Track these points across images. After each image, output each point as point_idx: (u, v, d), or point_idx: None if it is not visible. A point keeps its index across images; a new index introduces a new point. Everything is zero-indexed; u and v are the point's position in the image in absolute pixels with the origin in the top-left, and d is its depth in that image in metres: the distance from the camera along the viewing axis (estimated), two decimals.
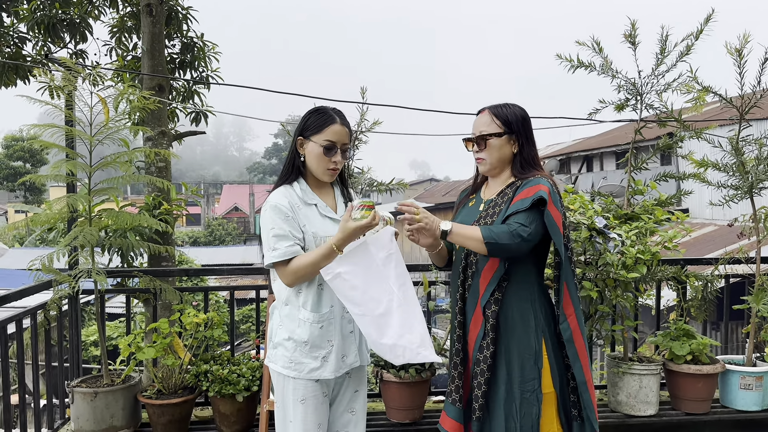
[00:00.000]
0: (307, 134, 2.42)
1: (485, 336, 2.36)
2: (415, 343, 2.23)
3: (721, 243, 10.57)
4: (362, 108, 3.71)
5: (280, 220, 2.35)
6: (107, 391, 3.29)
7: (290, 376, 2.40)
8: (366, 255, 2.25)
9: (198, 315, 3.40)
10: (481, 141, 2.44)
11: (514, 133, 2.43)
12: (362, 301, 2.23)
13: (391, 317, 2.24)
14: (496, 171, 2.48)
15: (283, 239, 2.33)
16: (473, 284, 2.41)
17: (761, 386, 3.57)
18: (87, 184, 3.34)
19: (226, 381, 3.28)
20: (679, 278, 3.73)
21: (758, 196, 3.62)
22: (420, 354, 2.23)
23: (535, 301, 2.39)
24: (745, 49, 3.44)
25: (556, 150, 22.82)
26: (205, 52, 6.77)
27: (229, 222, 40.72)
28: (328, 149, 2.39)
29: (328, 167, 2.42)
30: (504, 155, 2.45)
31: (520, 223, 2.24)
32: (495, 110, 2.45)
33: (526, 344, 2.34)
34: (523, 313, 2.36)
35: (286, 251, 2.31)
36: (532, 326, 2.35)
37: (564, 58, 3.62)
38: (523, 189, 2.34)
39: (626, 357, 3.63)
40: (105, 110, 3.36)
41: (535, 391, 2.32)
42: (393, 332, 2.23)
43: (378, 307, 2.23)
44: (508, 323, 2.36)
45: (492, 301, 2.35)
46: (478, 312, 2.39)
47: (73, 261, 3.56)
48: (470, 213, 2.51)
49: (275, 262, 2.34)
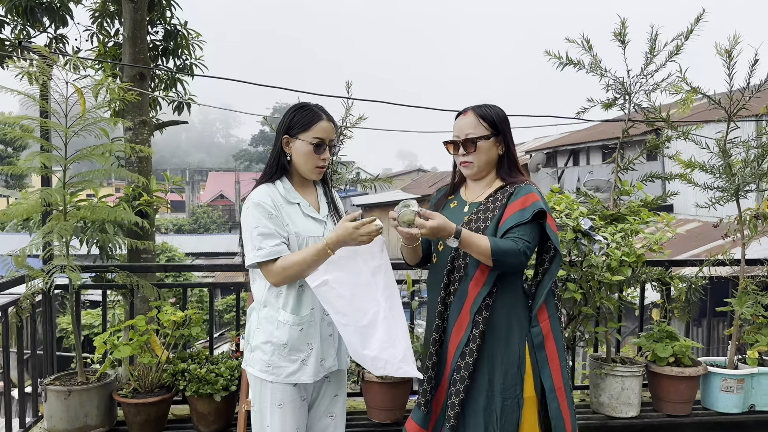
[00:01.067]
0: (293, 132, 2.35)
1: (469, 342, 2.30)
2: (397, 358, 2.18)
3: (705, 239, 10.64)
4: (347, 103, 3.64)
5: (264, 218, 2.28)
6: (81, 390, 3.22)
7: (268, 380, 2.35)
8: (355, 264, 2.19)
9: (176, 313, 3.32)
10: (470, 144, 2.37)
11: (500, 134, 2.37)
12: (347, 311, 2.18)
13: (375, 329, 2.18)
14: (482, 174, 2.42)
15: (269, 237, 2.26)
16: (461, 288, 2.35)
17: (742, 389, 3.57)
18: (62, 177, 3.24)
19: (204, 380, 3.22)
20: (663, 280, 3.71)
21: (744, 198, 3.60)
22: (401, 369, 2.19)
23: (520, 305, 2.35)
24: (734, 50, 3.40)
25: (543, 143, 22.84)
26: (189, 40, 6.63)
27: (214, 210, 40.48)
28: (318, 147, 2.34)
29: (317, 165, 2.37)
30: (491, 158, 2.39)
31: (526, 241, 2.22)
32: (480, 111, 2.38)
33: (511, 350, 2.30)
34: (509, 318, 2.32)
35: (272, 250, 2.25)
36: (517, 332, 2.31)
37: (553, 55, 3.56)
38: (518, 197, 2.29)
39: (609, 358, 3.61)
40: (81, 101, 3.25)
41: (516, 396, 2.28)
42: (376, 345, 2.18)
43: (363, 318, 2.18)
44: (494, 329, 2.31)
45: (483, 307, 2.30)
46: (464, 317, 2.33)
47: (47, 255, 3.47)
48: (454, 215, 2.43)
49: (260, 262, 2.27)
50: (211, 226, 38.30)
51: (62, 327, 12.53)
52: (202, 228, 37.75)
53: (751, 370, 3.58)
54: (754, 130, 3.63)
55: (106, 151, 3.38)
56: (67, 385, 3.24)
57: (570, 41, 3.56)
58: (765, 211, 3.72)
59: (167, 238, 22.01)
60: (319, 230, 2.39)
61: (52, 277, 3.19)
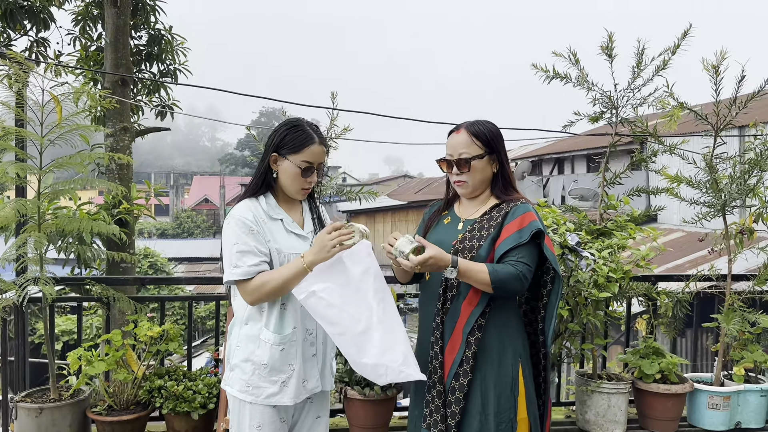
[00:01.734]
0: (282, 152, 2.29)
1: (462, 363, 2.26)
2: (397, 362, 2.11)
3: (689, 249, 10.69)
4: (332, 114, 3.58)
5: (244, 234, 2.22)
6: (54, 407, 3.11)
7: (246, 400, 2.29)
8: (342, 270, 2.13)
9: (152, 328, 3.23)
10: (463, 164, 2.32)
11: (494, 152, 2.33)
12: (340, 320, 2.11)
13: (371, 335, 2.11)
14: (477, 192, 2.38)
15: (247, 255, 2.20)
16: (453, 307, 2.30)
17: (728, 406, 3.54)
18: (37, 188, 3.14)
19: (181, 398, 3.13)
20: (649, 295, 3.68)
21: (730, 213, 3.59)
22: (403, 372, 2.13)
23: (513, 326, 2.32)
24: (721, 66, 3.39)
25: (529, 152, 22.93)
26: (173, 46, 6.54)
27: (198, 214, 40.18)
28: (306, 171, 2.28)
29: (303, 187, 2.32)
30: (486, 176, 2.35)
31: (525, 263, 2.20)
32: (473, 129, 2.33)
33: (504, 373, 2.27)
34: (502, 339, 2.28)
35: (249, 270, 2.19)
36: (510, 353, 2.28)
37: (540, 69, 3.53)
38: (515, 217, 2.26)
39: (595, 374, 3.57)
40: (58, 109, 3.16)
41: (510, 420, 2.25)
42: (374, 351, 2.11)
43: (357, 325, 2.11)
44: (487, 350, 2.27)
45: (476, 327, 2.25)
46: (456, 337, 2.28)
47: (21, 267, 3.36)
48: (448, 232, 2.39)
49: (237, 280, 2.21)
50: (195, 231, 38.00)
51: (40, 333, 12.33)
52: (186, 232, 37.43)
53: (737, 387, 3.55)
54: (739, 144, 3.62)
55: (83, 160, 3.28)
56: (38, 402, 3.13)
57: (557, 55, 3.53)
58: (750, 226, 3.71)
59: (150, 242, 21.79)
60: (302, 247, 2.33)
61: (25, 290, 3.09)
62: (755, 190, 3.44)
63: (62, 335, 13.71)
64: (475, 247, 2.26)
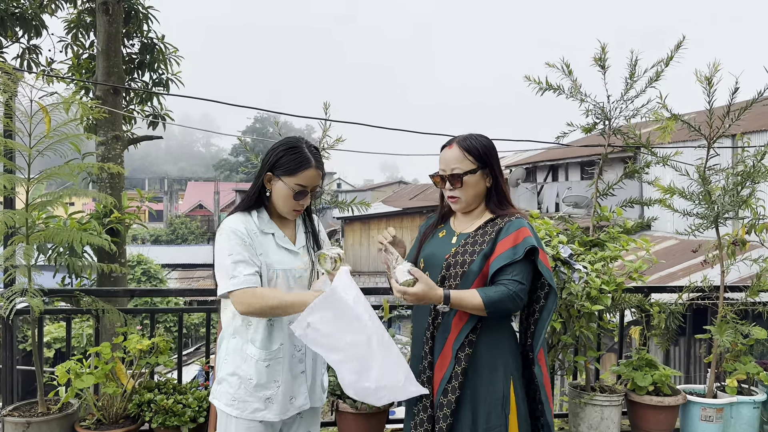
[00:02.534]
0: (277, 173, 2.27)
1: (452, 379, 2.24)
2: (400, 381, 2.09)
3: (682, 258, 10.71)
4: (325, 125, 3.56)
5: (238, 245, 2.20)
6: (41, 421, 3.07)
7: (233, 414, 2.27)
8: (335, 299, 2.09)
9: (142, 341, 3.20)
10: (456, 179, 2.30)
11: (487, 167, 2.30)
12: (338, 347, 2.09)
13: (371, 358, 2.09)
14: (471, 207, 2.36)
15: (242, 265, 2.18)
16: (444, 322, 2.28)
17: (721, 418, 3.53)
18: (25, 199, 3.11)
19: (171, 412, 3.10)
20: (642, 307, 3.67)
21: (722, 225, 3.59)
22: (407, 390, 2.11)
23: (506, 343, 2.30)
24: (714, 78, 3.39)
25: (523, 159, 22.97)
26: (166, 55, 6.52)
27: (192, 220, 40.04)
28: (299, 194, 2.26)
29: (294, 209, 2.29)
30: (479, 191, 2.33)
31: (518, 282, 2.17)
32: (465, 144, 2.30)
33: (494, 390, 2.24)
34: (493, 356, 2.26)
35: (245, 279, 2.17)
36: (501, 370, 2.26)
37: (533, 81, 3.53)
38: (509, 233, 2.23)
39: (588, 386, 3.55)
40: (46, 119, 3.13)
41: None
42: (375, 373, 2.09)
43: (357, 350, 2.09)
44: (478, 367, 2.25)
45: (466, 343, 2.24)
46: (446, 353, 2.26)
47: (8, 279, 3.32)
48: (442, 245, 2.37)
49: (236, 290, 2.17)
50: (190, 237, 37.87)
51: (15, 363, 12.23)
52: (180, 238, 37.30)
53: (730, 399, 3.54)
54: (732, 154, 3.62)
55: (72, 170, 3.25)
56: (26, 416, 3.09)
57: (550, 66, 3.53)
58: (743, 238, 3.71)
59: (143, 249, 21.65)
60: (292, 262, 2.31)
61: (13, 302, 3.05)
62: (748, 202, 3.44)
63: (54, 342, 13.59)
64: (467, 262, 2.24)
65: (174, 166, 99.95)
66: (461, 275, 2.24)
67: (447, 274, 2.28)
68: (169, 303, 14.60)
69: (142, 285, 16.60)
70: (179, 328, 3.66)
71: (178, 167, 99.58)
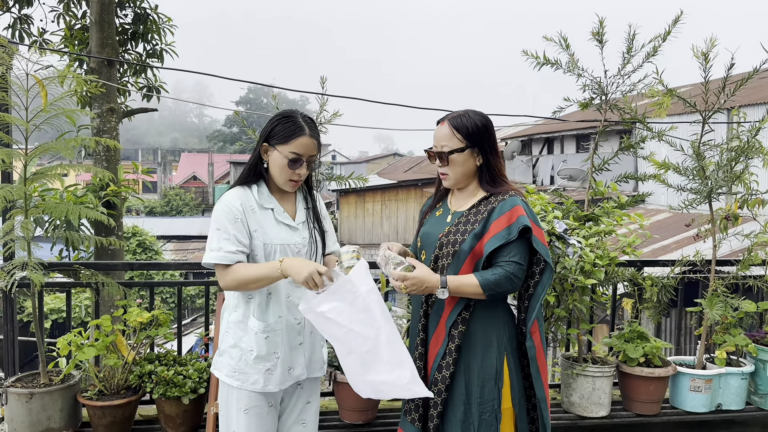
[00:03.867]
0: (272, 142, 2.29)
1: (446, 356, 2.28)
2: (405, 379, 2.13)
3: (675, 230, 10.80)
4: (322, 99, 3.56)
5: (227, 221, 2.24)
6: (44, 392, 3.12)
7: (234, 385, 2.33)
8: (350, 290, 2.12)
9: (142, 314, 3.24)
10: (444, 157, 2.31)
11: (476, 146, 2.30)
12: (348, 339, 2.13)
13: (378, 352, 2.13)
14: (461, 185, 2.38)
15: (226, 242, 2.23)
16: (438, 301, 2.32)
17: (710, 388, 3.62)
18: (22, 173, 3.11)
19: (172, 383, 3.15)
20: (635, 281, 3.73)
21: (716, 200, 3.63)
22: (410, 390, 2.15)
23: (500, 318, 2.33)
24: (711, 53, 3.40)
25: (518, 131, 22.93)
26: (159, 25, 6.44)
27: (186, 192, 39.90)
28: (293, 162, 2.27)
29: (291, 178, 2.31)
30: (468, 170, 2.33)
31: (515, 262, 2.20)
32: (455, 122, 2.29)
33: (488, 364, 2.28)
34: (486, 332, 2.29)
35: (225, 255, 2.22)
36: (495, 345, 2.29)
37: (530, 55, 3.52)
38: (502, 213, 2.23)
39: (580, 358, 3.63)
40: (43, 93, 3.12)
41: (494, 411, 2.27)
42: (381, 368, 2.13)
43: (365, 343, 2.12)
44: (471, 343, 2.29)
45: (459, 321, 2.27)
46: (440, 330, 2.30)
47: (8, 253, 3.34)
48: (438, 223, 2.40)
49: (216, 264, 2.23)
50: (184, 209, 37.77)
51: (29, 311, 12.28)
52: (174, 210, 37.20)
53: (718, 371, 3.63)
54: (727, 128, 3.65)
55: (69, 144, 3.25)
56: (28, 387, 3.14)
57: (548, 39, 3.52)
58: (735, 212, 3.75)
59: (138, 220, 21.60)
60: (291, 237, 2.34)
61: (13, 276, 3.08)
62: (741, 177, 3.47)
63: (51, 314, 13.68)
64: (458, 242, 2.26)
65: (167, 137, 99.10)
66: (452, 255, 2.26)
67: (440, 254, 2.31)
68: (165, 275, 14.68)
69: (137, 257, 16.62)
70: (178, 301, 3.70)
71: (170, 138, 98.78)
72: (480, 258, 2.23)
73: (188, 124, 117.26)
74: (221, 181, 41.71)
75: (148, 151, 63.70)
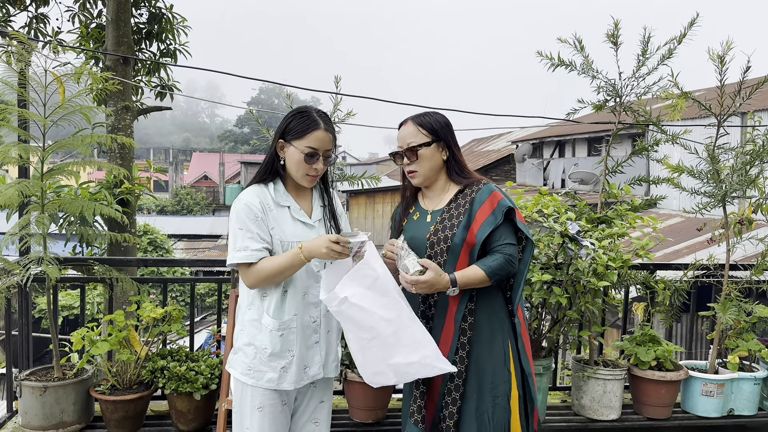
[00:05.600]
0: (288, 138, 2.30)
1: (458, 350, 2.31)
2: (430, 357, 2.15)
3: (688, 235, 10.71)
4: (336, 98, 3.57)
5: (248, 220, 2.25)
6: (58, 386, 3.15)
7: (248, 383, 2.33)
8: (368, 273, 2.13)
9: (155, 309, 3.26)
10: (411, 153, 2.38)
11: (441, 140, 2.39)
12: (372, 324, 2.13)
13: (402, 334, 2.13)
14: (430, 181, 2.43)
15: (251, 240, 2.24)
16: (441, 299, 2.34)
17: (722, 393, 3.60)
18: (39, 168, 3.14)
19: (184, 378, 3.17)
20: (647, 284, 3.71)
21: (730, 204, 3.60)
22: (435, 367, 2.16)
23: (498, 303, 2.38)
24: (727, 56, 3.38)
25: (529, 134, 22.85)
26: (173, 25, 6.48)
27: (197, 191, 40.04)
28: (310, 156, 2.28)
29: (308, 173, 2.32)
30: (435, 164, 2.40)
31: (509, 244, 2.30)
32: (418, 120, 2.40)
33: (496, 349, 2.33)
34: (491, 319, 2.34)
35: (251, 254, 2.22)
36: (498, 330, 2.34)
37: (544, 56, 3.51)
38: (483, 201, 2.32)
39: (592, 361, 3.61)
40: (61, 90, 3.15)
41: (507, 394, 2.32)
42: (406, 348, 2.14)
43: (389, 327, 2.13)
44: (479, 333, 2.33)
45: (467, 313, 2.31)
46: (448, 327, 2.32)
47: (24, 247, 3.38)
48: (420, 226, 2.43)
49: (239, 264, 2.24)
50: (195, 208, 37.90)
51: (41, 307, 12.37)
52: (185, 209, 37.33)
53: (731, 375, 3.60)
54: (741, 132, 3.62)
55: (85, 141, 3.28)
56: (42, 381, 3.17)
57: (562, 41, 3.51)
58: (749, 216, 3.73)
59: (149, 219, 21.70)
60: (308, 235, 2.34)
61: (29, 270, 3.11)
62: (756, 181, 3.45)
63: (62, 310, 13.79)
64: (449, 237, 2.31)
65: (178, 137, 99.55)
66: (446, 250, 2.31)
67: (432, 253, 2.34)
68: (176, 273, 14.76)
69: (148, 254, 16.71)
70: (191, 297, 3.72)
71: (182, 138, 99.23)
72: (474, 246, 2.29)
73: (200, 124, 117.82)
74: (232, 181, 41.83)
75: (160, 150, 63.97)
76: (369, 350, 2.18)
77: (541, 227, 3.36)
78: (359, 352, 2.21)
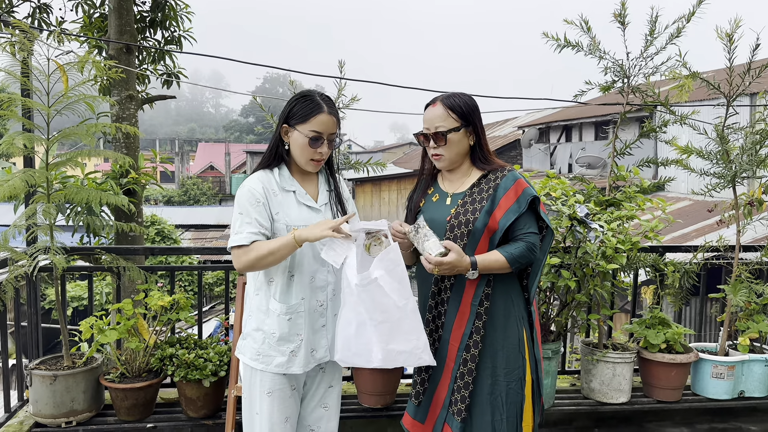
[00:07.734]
0: (292, 122, 2.28)
1: (472, 334, 2.30)
2: (419, 348, 2.18)
3: (697, 218, 10.65)
4: (340, 83, 3.54)
5: (249, 205, 2.25)
6: (67, 375, 3.16)
7: (257, 368, 2.33)
8: (393, 259, 2.14)
9: (163, 297, 3.26)
10: (440, 137, 2.31)
11: (470, 125, 2.32)
12: (388, 307, 2.15)
13: (404, 323, 2.16)
14: (455, 165, 2.39)
15: (248, 225, 2.23)
16: (458, 282, 2.32)
17: (732, 375, 3.58)
18: (44, 158, 3.14)
19: (193, 366, 3.18)
20: (657, 266, 3.68)
21: (740, 185, 3.56)
22: (422, 358, 2.19)
23: (515, 289, 2.36)
24: (735, 34, 3.33)
25: (536, 119, 22.71)
26: (177, 12, 6.44)
27: (204, 181, 40.12)
28: (314, 140, 2.26)
29: (313, 158, 2.30)
30: (462, 149, 2.35)
31: (531, 233, 2.28)
32: (449, 102, 2.31)
33: (511, 334, 2.31)
34: (506, 305, 2.33)
35: (246, 236, 2.22)
36: (513, 315, 2.33)
37: (551, 37, 3.47)
38: (507, 188, 2.28)
39: (601, 344, 3.60)
40: (64, 79, 3.14)
41: (521, 379, 2.32)
42: (403, 337, 2.17)
43: (397, 313, 2.16)
44: (494, 318, 2.31)
45: (483, 298, 2.30)
46: (464, 310, 2.31)
47: (31, 237, 3.38)
48: (439, 208, 2.39)
49: (232, 246, 2.24)
50: (201, 198, 37.99)
51: (51, 299, 12.46)
52: (191, 199, 37.42)
53: (741, 357, 3.58)
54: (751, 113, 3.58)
55: (89, 130, 3.27)
56: (52, 370, 3.19)
57: (568, 22, 3.47)
58: (760, 197, 3.69)
59: (156, 209, 21.76)
60: (313, 219, 2.33)
61: (36, 259, 3.11)
62: (766, 161, 3.41)
63: (71, 301, 13.89)
64: (471, 221, 2.28)
65: (184, 128, 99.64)
66: (467, 234, 2.28)
67: (452, 236, 2.31)
68: (183, 262, 14.80)
69: (156, 245, 16.78)
70: (199, 285, 3.72)
71: (187, 128, 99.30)
72: (495, 232, 2.26)
73: (205, 114, 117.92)
74: (238, 171, 41.87)
75: (165, 141, 64.07)
76: (370, 331, 2.18)
77: (549, 210, 3.33)
78: (354, 331, 2.21)
